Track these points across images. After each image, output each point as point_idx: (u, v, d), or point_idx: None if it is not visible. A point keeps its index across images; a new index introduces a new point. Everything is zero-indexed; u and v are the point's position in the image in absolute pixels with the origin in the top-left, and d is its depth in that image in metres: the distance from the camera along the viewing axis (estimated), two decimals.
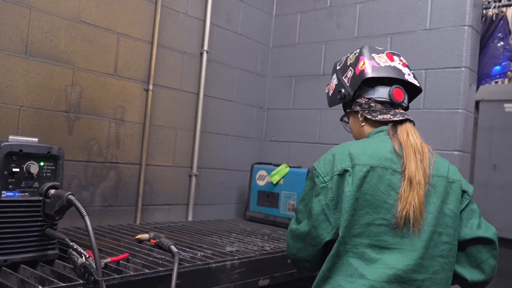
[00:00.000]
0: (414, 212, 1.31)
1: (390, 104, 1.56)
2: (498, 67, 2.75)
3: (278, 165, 3.03)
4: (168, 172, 2.85)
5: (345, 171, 1.36)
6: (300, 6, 3.41)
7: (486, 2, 2.83)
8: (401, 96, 1.56)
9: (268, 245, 2.27)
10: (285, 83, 3.45)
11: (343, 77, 1.63)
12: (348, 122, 1.70)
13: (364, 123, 1.58)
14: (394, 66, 1.58)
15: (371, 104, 1.56)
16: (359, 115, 1.58)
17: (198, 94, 2.98)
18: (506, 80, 3.59)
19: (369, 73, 1.52)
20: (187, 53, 2.92)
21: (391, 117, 1.51)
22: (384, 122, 1.52)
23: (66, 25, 2.30)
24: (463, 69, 2.63)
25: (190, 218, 2.95)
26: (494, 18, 2.77)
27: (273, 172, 2.98)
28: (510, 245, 4.57)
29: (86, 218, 1.44)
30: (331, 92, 1.70)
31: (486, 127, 5.23)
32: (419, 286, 1.32)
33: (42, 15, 2.20)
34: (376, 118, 1.52)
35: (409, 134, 1.45)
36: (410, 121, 1.52)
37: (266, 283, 2.08)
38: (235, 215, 3.33)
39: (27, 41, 2.16)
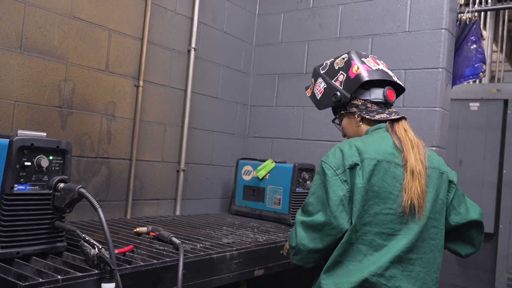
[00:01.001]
0: (418, 200, 1.45)
1: (384, 104, 1.70)
2: (471, 69, 2.93)
3: (263, 161, 3.12)
4: (156, 167, 2.89)
5: (356, 164, 1.48)
6: (283, 6, 3.50)
7: (460, 7, 3.00)
8: (393, 96, 1.72)
9: (260, 237, 2.36)
10: (268, 81, 3.54)
11: (333, 81, 1.75)
12: (340, 123, 1.80)
13: (361, 123, 1.70)
14: (382, 69, 1.74)
15: (368, 105, 1.69)
16: (355, 116, 1.70)
17: (186, 90, 3.03)
18: (471, 81, 3.85)
19: (366, 76, 1.66)
20: (175, 50, 2.96)
21: (388, 116, 1.65)
22: (381, 121, 1.64)
23: (59, 20, 2.30)
24: (440, 69, 2.79)
25: (178, 213, 3.00)
26: (467, 22, 2.95)
27: (259, 167, 3.07)
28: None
29: (99, 210, 1.49)
30: (319, 95, 1.80)
31: (453, 125, 5.49)
32: (412, 264, 1.48)
33: (36, 10, 2.20)
34: (374, 117, 1.65)
35: (406, 131, 1.60)
36: (405, 118, 1.65)
37: (261, 273, 2.16)
38: (220, 209, 3.40)
39: (22, 36, 2.16)
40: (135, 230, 2.10)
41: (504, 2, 5.24)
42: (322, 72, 1.82)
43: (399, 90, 1.79)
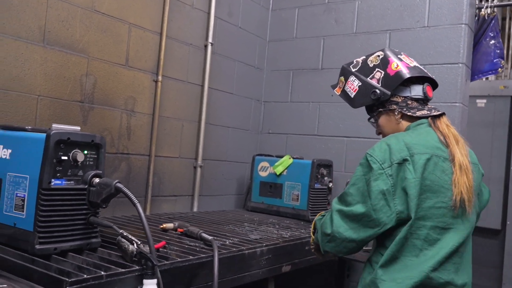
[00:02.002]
0: (467, 194, 1.45)
1: (423, 101, 1.69)
2: (489, 64, 2.92)
3: (280, 157, 3.10)
4: (174, 163, 2.86)
5: (404, 160, 1.47)
6: (298, 1, 3.48)
7: (479, 2, 2.99)
8: (431, 92, 1.72)
9: (284, 233, 2.34)
10: (283, 77, 3.51)
11: (368, 78, 1.72)
12: (376, 121, 1.78)
13: (401, 120, 1.68)
14: (418, 66, 1.74)
15: (408, 102, 1.67)
16: (395, 113, 1.68)
17: (203, 86, 3.00)
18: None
19: (407, 73, 1.64)
20: (192, 45, 2.93)
21: (428, 112, 1.64)
22: (421, 117, 1.63)
23: (81, 14, 2.27)
24: (460, 65, 2.78)
25: (195, 209, 2.97)
26: (486, 18, 2.94)
27: (276, 163, 3.05)
28: (486, 234, 4.83)
29: (138, 205, 1.47)
30: (353, 93, 1.78)
31: None
32: (460, 257, 1.50)
33: (59, 3, 2.17)
34: (415, 114, 1.64)
35: (448, 126, 1.60)
36: (445, 114, 1.64)
37: (288, 269, 2.14)
38: (234, 206, 3.38)
39: (45, 29, 2.12)
40: (161, 226, 2.08)
41: None
42: (353, 70, 1.79)
43: (433, 86, 1.78)
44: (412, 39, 2.95)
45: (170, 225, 2.08)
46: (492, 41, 2.92)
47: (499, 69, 2.93)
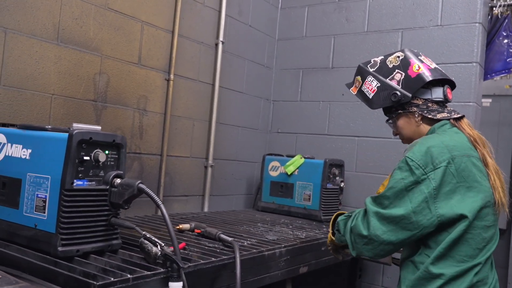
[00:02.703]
0: (503, 195, 1.48)
1: (442, 103, 1.68)
2: (502, 63, 2.91)
3: (290, 156, 3.08)
4: (185, 163, 2.83)
5: (448, 163, 1.46)
6: (307, 0, 3.45)
7: (491, 1, 2.97)
8: (451, 94, 1.71)
9: (299, 233, 2.32)
10: (292, 76, 3.49)
11: (388, 80, 1.69)
12: (394, 123, 1.76)
13: (421, 122, 1.67)
14: (438, 67, 1.72)
15: (428, 104, 1.66)
16: (415, 115, 1.66)
17: (213, 84, 2.97)
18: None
19: (429, 76, 1.63)
20: (203, 43, 2.90)
21: (449, 115, 1.64)
22: (442, 119, 1.63)
23: (94, 11, 2.24)
24: (474, 64, 2.76)
25: (206, 209, 2.95)
26: (499, 16, 2.92)
27: (287, 163, 3.02)
28: None
29: (162, 206, 1.44)
30: (372, 94, 1.74)
31: None
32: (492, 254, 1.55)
33: (72, 0, 2.13)
34: (436, 117, 1.63)
35: (471, 128, 1.61)
36: (464, 116, 1.66)
37: (305, 270, 2.12)
38: (244, 205, 3.35)
39: (59, 27, 2.09)
40: (177, 227, 2.05)
41: None
42: (371, 70, 1.76)
43: (452, 87, 1.76)
44: (425, 38, 2.93)
45: (186, 226, 2.05)
46: (506, 40, 2.90)
47: None
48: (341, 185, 2.98)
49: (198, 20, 2.85)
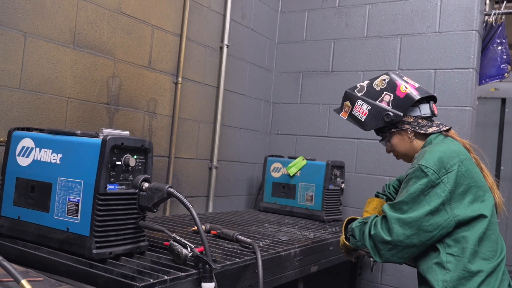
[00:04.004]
0: (498, 193, 1.66)
1: (430, 118, 1.83)
2: (496, 69, 3.03)
3: (292, 158, 3.15)
4: (191, 164, 2.88)
5: (459, 166, 1.59)
6: (308, 4, 3.52)
7: (486, 9, 3.09)
8: (436, 109, 1.86)
9: (306, 233, 2.39)
10: (292, 78, 3.56)
11: (377, 102, 1.81)
12: (388, 142, 1.87)
13: (414, 138, 1.80)
14: (421, 86, 1.87)
15: (419, 120, 1.80)
16: (408, 132, 1.79)
17: (218, 87, 3.02)
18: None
19: (417, 95, 1.78)
20: (209, 47, 2.95)
21: (438, 128, 1.78)
22: (433, 133, 1.77)
23: (108, 16, 2.27)
24: (470, 70, 2.88)
25: (210, 210, 3.00)
26: (493, 24, 3.04)
27: (290, 165, 3.09)
28: None
29: (192, 209, 1.49)
30: (364, 117, 1.85)
31: None
32: None
33: (88, 4, 2.16)
34: (428, 131, 1.77)
35: (460, 138, 1.78)
36: (451, 128, 1.82)
37: (315, 269, 2.20)
38: (245, 206, 3.41)
39: (75, 31, 2.12)
40: (193, 228, 2.10)
41: None
42: (359, 94, 1.87)
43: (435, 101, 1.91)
44: (423, 44, 3.03)
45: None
46: (499, 47, 3.02)
47: (506, 74, 3.04)
48: (342, 186, 3.06)
49: (204, 24, 2.90)
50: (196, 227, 2.10)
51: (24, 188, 1.60)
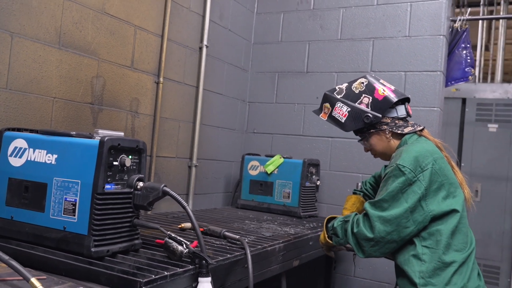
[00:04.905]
0: (467, 189, 1.80)
1: (405, 118, 1.96)
2: (461, 72, 3.22)
3: (269, 156, 3.23)
4: (172, 163, 2.92)
5: (433, 164, 1.71)
6: (283, 6, 3.61)
7: (452, 15, 3.27)
8: (411, 110, 2.00)
9: (287, 229, 2.48)
10: (268, 78, 3.64)
11: (357, 104, 1.91)
12: (367, 141, 1.98)
13: (391, 138, 1.92)
14: (397, 88, 2.00)
15: (396, 121, 1.91)
16: (386, 132, 1.91)
17: (197, 87, 3.07)
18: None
19: (394, 97, 1.89)
20: (188, 47, 2.99)
21: (413, 128, 1.91)
22: (409, 133, 1.90)
23: (92, 16, 2.28)
24: (438, 73, 3.04)
25: (190, 208, 3.04)
26: (459, 30, 3.23)
27: (268, 163, 3.18)
28: None
29: (188, 208, 1.57)
30: (344, 119, 1.95)
31: None
32: None
33: (73, 5, 2.17)
34: (404, 131, 1.89)
35: (432, 137, 1.91)
36: (425, 127, 1.96)
37: (297, 263, 2.29)
38: (222, 203, 3.48)
39: (61, 31, 2.12)
40: (179, 226, 2.15)
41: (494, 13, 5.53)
42: (339, 96, 1.97)
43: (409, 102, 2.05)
44: (394, 48, 3.18)
45: (188, 225, 2.15)
46: (464, 51, 3.21)
47: (470, 76, 3.23)
48: (317, 183, 3.18)
49: (184, 25, 2.94)
50: (183, 225, 2.17)
51: (17, 188, 1.61)
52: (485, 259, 4.82)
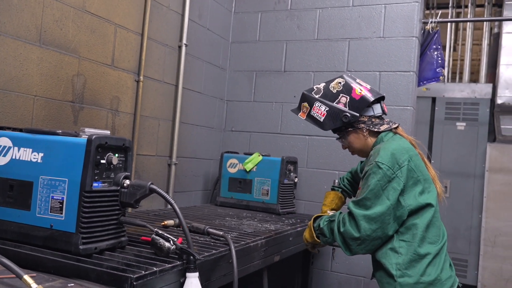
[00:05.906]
0: (439, 184, 1.88)
1: (381, 116, 2.02)
2: (432, 72, 3.34)
3: (248, 154, 3.28)
4: (151, 161, 2.93)
5: (409, 161, 1.79)
6: (260, 6, 3.66)
7: (424, 17, 3.39)
8: (386, 108, 2.06)
9: (267, 226, 2.54)
10: (246, 77, 3.69)
11: (335, 103, 1.97)
12: (345, 139, 2.04)
13: (368, 136, 1.98)
14: (373, 87, 2.05)
15: (372, 119, 1.98)
16: (363, 131, 1.97)
17: (177, 85, 3.09)
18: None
19: (371, 97, 1.95)
20: (168, 45, 3.00)
21: (389, 126, 1.98)
22: (385, 131, 1.97)
23: (73, 14, 2.27)
24: (411, 73, 3.15)
25: (170, 205, 3.06)
26: (430, 31, 3.35)
27: (246, 160, 3.22)
28: None
29: (175, 204, 1.59)
30: (322, 118, 2.00)
31: None
32: None
33: (53, 2, 2.16)
34: (380, 129, 1.96)
35: (406, 135, 1.98)
36: (399, 125, 2.04)
37: (278, 258, 2.35)
38: (201, 201, 3.50)
39: (41, 29, 2.11)
40: (162, 223, 2.17)
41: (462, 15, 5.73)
42: (317, 96, 2.02)
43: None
44: (369, 48, 3.27)
45: (171, 222, 2.18)
46: (435, 53, 3.33)
47: (441, 77, 3.35)
48: (295, 180, 3.24)
49: (164, 23, 2.95)
50: (166, 222, 2.19)
51: (1, 187, 1.61)
52: (453, 252, 5.00)
